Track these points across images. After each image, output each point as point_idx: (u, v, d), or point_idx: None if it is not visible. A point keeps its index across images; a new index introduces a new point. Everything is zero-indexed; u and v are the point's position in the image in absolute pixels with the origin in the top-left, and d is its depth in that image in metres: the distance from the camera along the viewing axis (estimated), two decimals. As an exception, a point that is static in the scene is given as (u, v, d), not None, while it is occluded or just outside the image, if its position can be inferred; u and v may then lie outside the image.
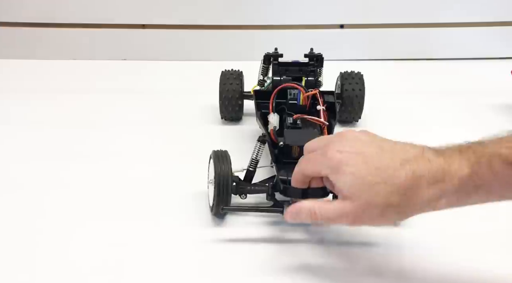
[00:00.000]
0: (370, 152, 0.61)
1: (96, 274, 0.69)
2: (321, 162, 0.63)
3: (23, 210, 0.81)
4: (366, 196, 0.59)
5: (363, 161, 0.60)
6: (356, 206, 0.60)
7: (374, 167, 0.60)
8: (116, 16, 1.34)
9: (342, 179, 0.61)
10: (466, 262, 0.71)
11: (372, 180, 0.59)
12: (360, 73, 1.02)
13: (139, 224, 0.78)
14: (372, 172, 0.59)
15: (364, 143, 0.62)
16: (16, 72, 1.29)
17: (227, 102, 1.02)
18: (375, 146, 0.62)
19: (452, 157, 0.59)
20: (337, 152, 0.62)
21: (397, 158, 0.60)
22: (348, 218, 0.61)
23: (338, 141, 0.63)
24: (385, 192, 0.59)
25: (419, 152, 0.60)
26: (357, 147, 0.62)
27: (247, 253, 0.72)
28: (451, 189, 0.58)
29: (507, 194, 0.58)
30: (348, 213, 0.60)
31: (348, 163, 0.60)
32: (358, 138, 0.63)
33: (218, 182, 0.74)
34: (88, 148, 0.97)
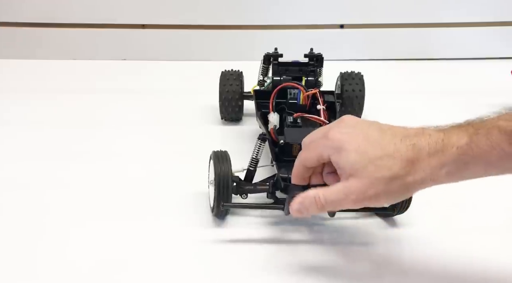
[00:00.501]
0: (370, 131, 0.62)
1: (96, 274, 0.69)
2: (323, 145, 0.63)
3: (22, 209, 0.80)
4: (370, 170, 0.60)
5: (365, 138, 0.61)
6: (361, 182, 0.60)
7: (376, 143, 0.60)
8: (116, 16, 1.34)
9: (344, 157, 0.61)
10: (466, 259, 0.71)
11: (374, 154, 0.60)
12: (360, 74, 1.02)
13: (139, 224, 0.77)
14: (374, 148, 0.60)
15: (364, 125, 0.63)
16: (16, 72, 1.29)
17: (227, 102, 1.02)
18: (375, 127, 0.62)
19: (451, 131, 0.59)
20: (338, 133, 0.62)
21: (398, 135, 0.61)
22: (353, 196, 0.61)
23: (337, 125, 0.64)
24: (388, 165, 0.59)
25: (419, 130, 0.61)
26: (358, 128, 0.62)
27: (247, 253, 0.72)
28: (450, 159, 0.58)
29: (506, 165, 0.58)
30: (353, 191, 0.60)
31: (350, 141, 0.61)
32: (357, 120, 0.64)
33: (218, 183, 0.74)
34: (88, 148, 0.97)
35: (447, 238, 0.75)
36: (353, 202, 0.61)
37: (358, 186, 0.60)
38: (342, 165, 0.61)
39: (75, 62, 1.34)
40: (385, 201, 0.62)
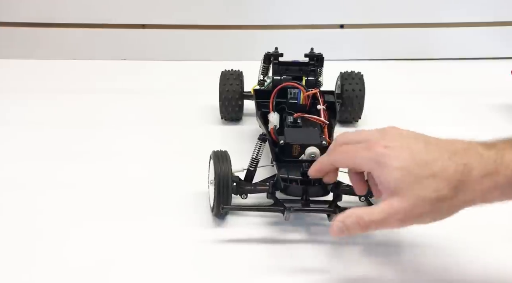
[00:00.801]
0: (416, 147, 0.59)
1: (95, 274, 0.69)
2: (364, 156, 0.61)
3: (21, 209, 0.80)
4: (415, 190, 0.57)
5: (410, 155, 0.58)
6: (405, 202, 0.58)
7: (422, 161, 0.58)
8: (116, 16, 1.34)
9: (388, 174, 0.58)
10: (467, 258, 0.71)
11: (421, 174, 0.57)
12: (360, 73, 1.02)
13: (139, 224, 0.77)
14: (420, 166, 0.58)
15: (409, 138, 0.61)
16: (16, 72, 1.29)
17: (227, 102, 1.01)
18: (421, 141, 0.60)
19: (504, 149, 0.57)
20: (383, 147, 0.60)
21: (445, 151, 0.58)
22: (398, 216, 0.58)
23: (381, 136, 0.61)
24: (435, 186, 0.57)
25: (468, 145, 0.59)
26: (403, 142, 0.60)
27: (247, 253, 0.72)
28: (504, 180, 0.56)
29: None
30: (398, 210, 0.58)
31: (395, 158, 0.59)
32: (401, 134, 0.62)
33: (218, 183, 0.74)
34: (88, 148, 0.97)
35: (448, 238, 0.75)
36: (398, 221, 0.59)
37: (403, 206, 0.58)
38: (385, 182, 0.59)
39: (75, 62, 1.34)
40: (431, 220, 0.59)
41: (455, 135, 0.63)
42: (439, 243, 0.74)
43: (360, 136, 0.64)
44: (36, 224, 0.78)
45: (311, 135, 0.81)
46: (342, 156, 0.65)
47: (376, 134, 0.63)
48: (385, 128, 0.64)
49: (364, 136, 0.64)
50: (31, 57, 1.34)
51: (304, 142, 0.78)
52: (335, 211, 0.72)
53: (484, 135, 0.64)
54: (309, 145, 0.77)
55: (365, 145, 0.62)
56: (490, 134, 0.63)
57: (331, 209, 0.73)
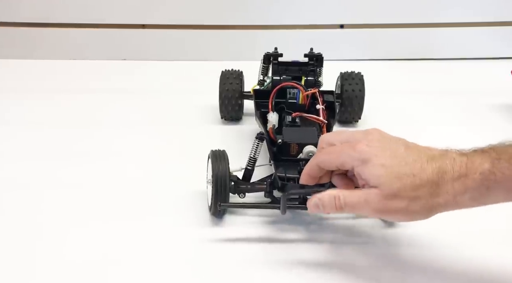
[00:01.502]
0: (397, 148, 0.62)
1: (94, 273, 0.69)
2: (348, 154, 0.63)
3: (21, 209, 0.80)
4: (395, 186, 0.60)
5: (392, 154, 0.62)
6: (383, 194, 0.61)
7: (403, 162, 0.61)
8: (116, 16, 1.34)
9: (371, 170, 0.61)
10: (464, 260, 0.71)
11: (401, 172, 0.60)
12: (360, 74, 1.02)
13: (137, 223, 0.77)
14: (401, 165, 0.61)
15: (391, 141, 0.64)
16: (16, 72, 1.29)
17: (227, 102, 1.01)
18: (401, 144, 0.63)
19: (474, 155, 0.60)
20: (366, 146, 0.62)
21: (423, 155, 0.61)
22: (373, 205, 0.61)
23: (364, 136, 0.64)
24: (413, 184, 0.60)
25: (444, 152, 0.62)
26: (384, 143, 0.63)
27: (245, 252, 0.72)
28: (473, 184, 0.59)
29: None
30: (374, 200, 0.61)
31: (377, 156, 0.62)
32: (383, 136, 0.64)
33: (215, 181, 0.74)
34: (87, 147, 0.97)
35: (445, 238, 0.75)
36: (371, 210, 0.62)
37: (380, 198, 0.61)
38: (367, 177, 0.62)
39: (75, 62, 1.34)
40: (403, 218, 0.63)
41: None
42: (437, 242, 0.74)
43: (344, 136, 0.67)
44: (35, 223, 0.78)
45: (309, 134, 0.81)
46: (327, 157, 0.66)
47: (359, 135, 0.65)
48: (368, 129, 0.66)
49: (348, 136, 0.66)
50: (31, 57, 1.34)
51: (302, 141, 0.78)
52: None
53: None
54: (307, 144, 0.77)
55: (349, 144, 0.64)
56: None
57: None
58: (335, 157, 0.65)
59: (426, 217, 0.62)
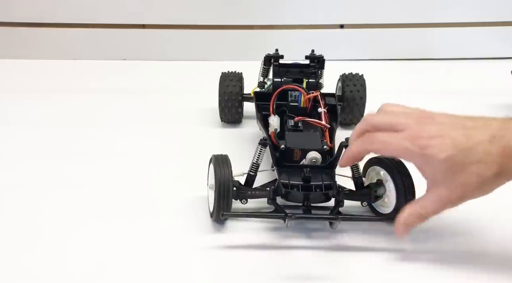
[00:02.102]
0: (456, 134, 0.63)
1: (93, 278, 0.68)
2: (409, 150, 0.64)
3: (20, 209, 0.80)
4: (461, 179, 0.62)
5: (453, 144, 0.62)
6: (453, 191, 0.63)
7: (465, 149, 0.62)
8: (116, 16, 1.33)
9: (435, 167, 0.63)
10: (466, 263, 0.71)
11: (465, 161, 0.61)
12: (362, 77, 1.02)
13: (136, 228, 0.77)
14: (463, 153, 0.61)
15: (446, 125, 0.64)
16: (15, 72, 1.29)
17: (227, 104, 1.01)
18: (459, 127, 0.63)
19: None
20: (426, 139, 0.63)
21: (484, 135, 0.62)
22: (448, 204, 0.64)
23: (418, 124, 0.65)
24: (479, 171, 0.61)
25: (503, 125, 0.62)
26: (442, 130, 0.63)
27: (247, 259, 0.72)
28: None
29: None
30: (448, 200, 0.64)
31: (439, 149, 0.62)
32: (439, 121, 0.65)
33: (218, 188, 0.73)
34: (86, 148, 0.97)
35: (449, 244, 0.75)
36: (449, 207, 0.65)
37: (451, 195, 0.63)
38: (432, 175, 0.64)
39: (75, 62, 1.34)
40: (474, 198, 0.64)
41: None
42: (441, 250, 0.74)
43: (394, 121, 0.67)
44: (34, 224, 0.77)
45: (312, 140, 0.80)
46: (383, 146, 0.67)
47: (410, 121, 0.66)
48: (415, 112, 0.68)
49: (398, 122, 0.67)
50: (31, 57, 1.34)
51: (305, 146, 0.78)
52: (337, 218, 0.72)
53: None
54: (310, 150, 0.77)
55: (406, 135, 0.65)
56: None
57: (333, 217, 0.72)
58: (393, 149, 0.66)
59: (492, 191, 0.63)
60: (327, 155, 0.79)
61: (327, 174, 0.75)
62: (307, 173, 0.73)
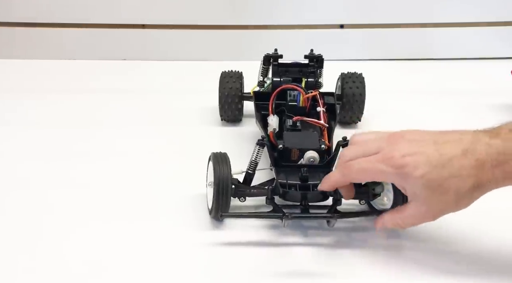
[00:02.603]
0: (429, 150, 0.64)
1: (92, 276, 0.69)
2: (385, 171, 0.65)
3: (18, 210, 0.81)
4: (438, 195, 0.63)
5: (427, 160, 0.63)
6: (431, 206, 0.65)
7: (439, 164, 0.62)
8: (116, 16, 1.33)
9: (413, 185, 0.64)
10: (464, 260, 0.72)
11: (441, 177, 0.62)
12: (360, 75, 1.02)
13: (136, 226, 0.77)
14: (438, 169, 0.62)
15: (418, 142, 0.65)
16: (15, 72, 1.28)
17: (227, 103, 1.01)
18: (430, 142, 0.64)
19: (509, 138, 0.62)
20: (400, 157, 0.64)
21: (456, 149, 0.63)
22: (427, 218, 0.67)
23: (391, 144, 0.66)
24: (456, 186, 0.62)
25: (474, 138, 0.63)
26: (416, 149, 0.64)
27: (245, 257, 0.72)
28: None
29: None
30: (427, 213, 0.66)
31: (414, 167, 0.63)
32: (407, 138, 0.66)
33: (217, 186, 0.73)
34: (86, 148, 0.97)
35: (446, 240, 0.75)
36: (428, 220, 0.67)
37: (430, 209, 0.65)
38: (411, 192, 0.65)
39: (75, 62, 1.34)
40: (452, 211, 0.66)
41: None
42: (438, 247, 0.74)
43: (366, 149, 0.68)
44: (34, 224, 0.78)
45: (310, 139, 0.80)
46: (359, 173, 0.69)
47: (382, 144, 0.67)
48: (385, 134, 0.68)
49: (369, 148, 0.67)
50: (30, 57, 1.34)
51: (303, 146, 0.78)
52: (334, 217, 0.72)
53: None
54: (308, 150, 0.77)
55: (380, 157, 0.66)
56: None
57: (330, 215, 0.72)
58: (370, 173, 0.68)
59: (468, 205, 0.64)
60: (325, 154, 0.79)
61: (325, 173, 0.75)
62: (304, 172, 0.73)
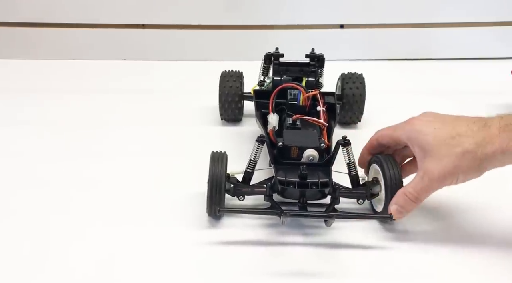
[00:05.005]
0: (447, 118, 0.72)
1: (92, 275, 0.69)
2: (403, 127, 0.74)
3: (18, 210, 0.81)
4: (444, 148, 0.68)
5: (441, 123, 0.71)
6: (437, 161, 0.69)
7: (450, 125, 0.70)
8: (116, 16, 1.34)
9: (423, 139, 0.70)
10: (459, 262, 0.72)
11: (448, 134, 0.69)
12: (361, 76, 1.02)
13: (136, 225, 0.78)
14: (448, 129, 0.69)
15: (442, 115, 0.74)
16: (15, 72, 1.29)
17: (227, 102, 1.01)
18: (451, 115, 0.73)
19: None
20: (418, 119, 0.73)
21: (471, 119, 0.70)
22: (435, 175, 0.69)
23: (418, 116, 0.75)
24: (460, 141, 0.68)
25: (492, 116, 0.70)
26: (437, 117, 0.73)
27: (242, 255, 0.72)
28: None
29: None
30: (433, 170, 0.69)
31: (428, 125, 0.71)
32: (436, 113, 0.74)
33: (211, 182, 0.74)
34: (86, 148, 0.97)
35: (443, 243, 0.75)
36: (436, 182, 0.69)
37: (435, 165, 0.69)
38: (421, 145, 0.70)
39: (75, 62, 1.34)
40: (462, 178, 0.69)
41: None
42: (435, 248, 0.74)
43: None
44: (34, 224, 0.78)
45: (310, 138, 0.80)
46: (384, 131, 0.78)
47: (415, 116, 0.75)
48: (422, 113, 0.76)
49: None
50: (31, 57, 1.34)
51: (303, 144, 0.78)
52: (332, 216, 0.72)
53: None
54: (308, 148, 0.77)
55: (404, 121, 0.75)
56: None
57: (328, 215, 0.72)
58: (392, 130, 0.76)
59: (479, 172, 0.69)
60: (324, 153, 0.79)
61: (324, 172, 0.75)
62: (303, 170, 0.73)
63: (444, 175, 0.68)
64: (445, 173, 0.68)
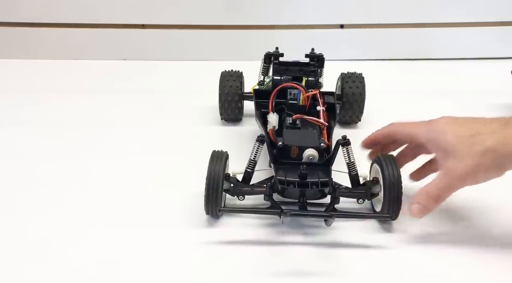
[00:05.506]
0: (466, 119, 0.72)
1: (91, 275, 0.69)
2: (424, 127, 0.74)
3: (17, 210, 0.81)
4: (465, 147, 0.68)
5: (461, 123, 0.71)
6: (458, 159, 0.69)
7: (470, 125, 0.70)
8: (116, 16, 1.34)
9: (444, 139, 0.70)
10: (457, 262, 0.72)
11: (469, 133, 0.69)
12: (361, 75, 1.02)
13: (134, 224, 0.78)
14: (468, 128, 0.70)
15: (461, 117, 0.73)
16: (16, 72, 1.29)
17: (227, 102, 1.01)
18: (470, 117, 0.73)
19: None
20: (439, 121, 0.73)
21: (489, 119, 0.71)
22: (456, 174, 0.69)
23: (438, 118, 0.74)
24: (481, 140, 0.68)
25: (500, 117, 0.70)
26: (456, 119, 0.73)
27: (242, 255, 0.72)
28: None
29: None
30: (455, 169, 0.69)
31: (448, 127, 0.71)
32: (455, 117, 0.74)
33: (208, 180, 0.74)
34: (86, 148, 0.97)
35: (443, 243, 0.75)
36: (458, 180, 0.69)
37: (457, 164, 0.69)
38: (442, 146, 0.71)
39: (75, 62, 1.34)
40: (483, 176, 0.69)
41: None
42: (433, 248, 0.74)
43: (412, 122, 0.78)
44: (34, 224, 0.78)
45: (310, 137, 0.80)
46: (402, 126, 0.78)
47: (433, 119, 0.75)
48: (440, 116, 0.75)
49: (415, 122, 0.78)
50: (31, 57, 1.34)
51: (303, 144, 0.78)
52: (332, 215, 0.72)
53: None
54: (307, 147, 0.77)
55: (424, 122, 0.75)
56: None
57: (328, 214, 0.72)
58: (412, 127, 0.76)
59: (500, 171, 0.69)
60: (324, 152, 0.79)
61: (324, 171, 0.75)
62: (303, 170, 0.73)
63: (466, 173, 0.68)
64: (467, 171, 0.68)
